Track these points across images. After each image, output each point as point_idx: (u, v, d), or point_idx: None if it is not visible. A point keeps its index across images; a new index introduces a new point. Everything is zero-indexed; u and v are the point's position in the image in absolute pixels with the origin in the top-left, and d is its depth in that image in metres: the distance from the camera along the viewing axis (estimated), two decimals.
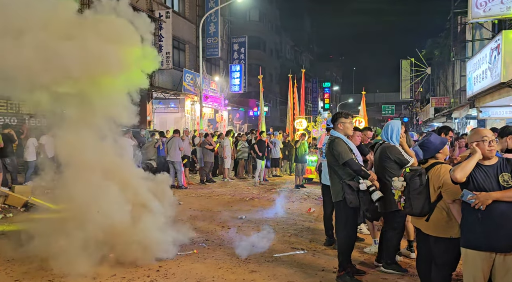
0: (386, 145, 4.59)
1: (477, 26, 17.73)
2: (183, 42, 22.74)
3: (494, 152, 2.96)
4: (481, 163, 2.97)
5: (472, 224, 2.95)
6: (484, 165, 2.97)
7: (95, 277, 4.45)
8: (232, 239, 6.06)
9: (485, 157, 2.97)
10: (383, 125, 16.16)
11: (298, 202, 9.49)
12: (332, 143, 4.39)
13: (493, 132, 5.90)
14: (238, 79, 27.46)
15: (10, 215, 7.45)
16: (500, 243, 2.84)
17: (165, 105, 21.28)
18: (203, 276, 4.50)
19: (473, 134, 3.06)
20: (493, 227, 2.85)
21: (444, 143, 3.55)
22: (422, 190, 3.44)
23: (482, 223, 2.88)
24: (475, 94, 14.54)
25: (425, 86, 36.67)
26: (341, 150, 4.27)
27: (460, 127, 21.84)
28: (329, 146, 4.44)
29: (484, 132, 3.01)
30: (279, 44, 43.15)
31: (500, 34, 11.56)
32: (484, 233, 2.88)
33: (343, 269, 4.34)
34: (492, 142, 2.94)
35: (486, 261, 2.89)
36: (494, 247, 2.86)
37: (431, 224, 3.43)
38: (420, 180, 3.45)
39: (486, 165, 2.97)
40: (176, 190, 11.09)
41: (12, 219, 7.17)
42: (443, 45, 27.03)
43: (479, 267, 2.92)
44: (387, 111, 51.83)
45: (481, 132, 3.02)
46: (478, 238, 2.91)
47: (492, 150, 2.94)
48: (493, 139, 2.96)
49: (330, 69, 58.64)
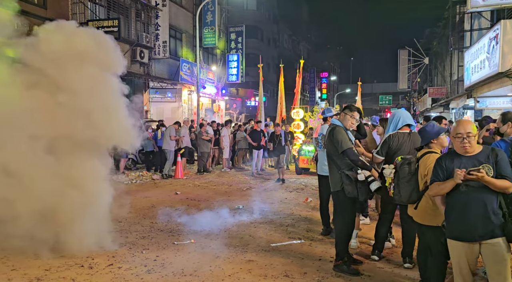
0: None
1: (475, 16, 17.61)
2: (180, 31, 22.52)
3: (470, 147, 2.87)
4: (461, 154, 2.92)
5: (452, 215, 2.94)
6: (464, 156, 2.91)
7: (92, 267, 4.45)
8: (229, 229, 6.07)
9: (460, 152, 2.93)
10: (380, 116, 16.17)
11: (295, 192, 9.50)
12: (333, 130, 4.37)
13: (487, 120, 5.91)
14: (236, 68, 27.27)
15: None
16: (478, 232, 2.82)
17: (162, 94, 21.17)
18: (200, 266, 4.50)
19: (453, 127, 2.98)
20: (471, 217, 2.83)
21: (439, 133, 3.54)
22: (410, 178, 3.57)
23: (461, 214, 2.87)
24: (473, 84, 14.51)
25: (423, 77, 36.60)
26: (341, 138, 4.26)
27: (457, 118, 21.86)
28: (329, 134, 4.41)
29: (458, 129, 2.90)
30: (276, 34, 42.85)
31: (499, 23, 11.48)
32: (463, 224, 2.87)
33: (340, 258, 4.35)
34: (466, 138, 2.85)
35: (470, 251, 2.88)
36: (474, 236, 2.84)
37: (419, 212, 3.53)
38: (409, 168, 3.58)
39: (466, 156, 2.91)
40: (173, 180, 11.10)
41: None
42: (441, 35, 26.89)
43: (463, 257, 2.91)
44: (384, 101, 51.72)
45: (456, 129, 2.92)
46: (458, 228, 2.91)
47: (465, 146, 2.87)
48: (469, 135, 2.85)
49: (327, 59, 58.35)
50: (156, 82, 19.46)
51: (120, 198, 8.20)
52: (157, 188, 9.87)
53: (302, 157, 12.13)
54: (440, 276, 3.45)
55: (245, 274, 4.29)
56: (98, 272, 4.31)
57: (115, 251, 4.98)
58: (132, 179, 10.95)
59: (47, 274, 4.24)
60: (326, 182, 5.05)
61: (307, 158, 11.86)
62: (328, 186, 4.68)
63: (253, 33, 35.36)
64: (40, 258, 4.63)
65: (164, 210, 7.32)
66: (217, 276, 4.23)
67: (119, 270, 4.39)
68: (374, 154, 4.53)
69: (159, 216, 6.87)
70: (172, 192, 9.23)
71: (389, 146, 4.38)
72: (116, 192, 5.46)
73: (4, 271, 4.31)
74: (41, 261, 4.57)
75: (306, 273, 4.31)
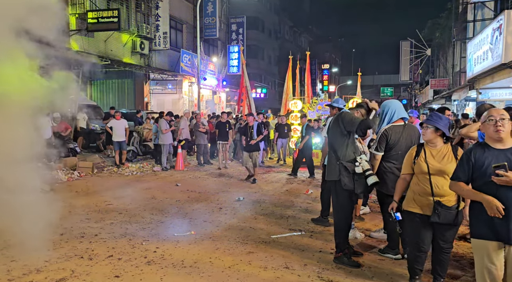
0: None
1: (479, 6, 17.43)
2: (181, 22, 22.37)
3: (505, 133, 2.59)
4: (492, 146, 2.65)
5: (484, 212, 2.64)
6: (496, 148, 2.63)
7: (91, 258, 4.44)
8: (229, 221, 6.06)
9: (493, 139, 2.65)
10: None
11: (296, 183, 9.48)
12: (341, 114, 4.37)
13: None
14: (236, 60, 27.13)
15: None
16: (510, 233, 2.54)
17: (162, 86, 21.10)
18: (200, 257, 4.49)
19: (485, 114, 2.73)
20: (508, 217, 2.55)
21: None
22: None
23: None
24: (475, 76, 14.40)
25: (425, 68, 36.41)
26: (351, 116, 4.28)
27: (459, 109, 21.75)
28: (336, 119, 4.39)
29: (490, 112, 2.67)
30: (277, 25, 42.58)
31: (503, 13, 11.34)
32: (494, 223, 2.59)
33: (340, 250, 4.33)
34: (500, 121, 2.58)
35: (500, 252, 2.60)
36: (509, 237, 2.56)
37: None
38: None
39: (498, 149, 2.63)
40: (174, 172, 11.08)
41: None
42: (444, 26, 26.68)
43: (492, 258, 2.62)
44: (386, 93, 51.63)
45: (489, 113, 2.68)
46: (490, 228, 2.63)
47: (500, 130, 2.58)
48: (503, 118, 2.59)
49: (329, 50, 58.02)
50: (157, 73, 19.38)
51: (120, 189, 8.22)
52: (157, 180, 9.85)
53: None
54: (420, 264, 3.56)
55: (245, 265, 4.28)
56: (98, 264, 4.30)
57: (115, 242, 4.98)
58: (133, 171, 10.94)
59: (47, 265, 4.23)
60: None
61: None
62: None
63: (254, 25, 35.15)
64: (40, 249, 4.62)
65: (165, 202, 7.31)
66: (217, 267, 4.22)
67: (119, 261, 4.37)
68: (372, 151, 4.39)
69: (159, 207, 6.87)
70: (172, 184, 9.22)
71: (387, 140, 4.28)
72: (116, 183, 5.42)
73: (3, 262, 4.30)
74: (41, 252, 4.56)
75: (306, 265, 4.29)
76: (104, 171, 10.83)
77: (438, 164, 3.33)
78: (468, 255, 4.58)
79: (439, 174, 3.31)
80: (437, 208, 3.28)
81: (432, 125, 3.37)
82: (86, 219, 6.07)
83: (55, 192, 8.01)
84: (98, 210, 6.67)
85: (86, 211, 6.55)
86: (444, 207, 3.28)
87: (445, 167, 3.30)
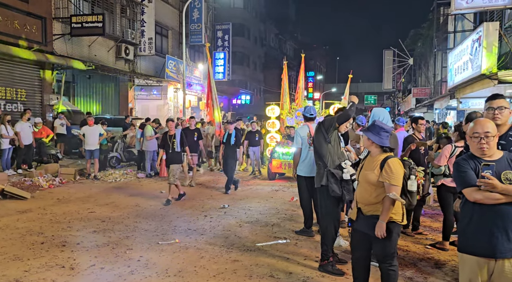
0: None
1: (459, 17, 17.90)
2: (166, 28, 22.30)
3: (489, 150, 2.57)
4: (481, 158, 2.60)
5: (470, 226, 2.60)
6: (483, 160, 2.59)
7: (73, 267, 4.35)
8: (214, 228, 6.02)
9: (477, 154, 2.62)
10: (365, 115, 16.18)
11: (281, 191, 9.50)
12: (321, 122, 4.57)
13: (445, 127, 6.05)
14: (222, 66, 27.16)
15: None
16: (499, 247, 2.49)
17: (147, 92, 20.94)
18: (185, 266, 4.45)
19: (470, 127, 2.67)
20: (493, 230, 2.49)
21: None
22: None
23: (480, 225, 2.55)
24: (456, 85, 14.75)
25: (407, 77, 37.10)
26: (330, 118, 4.50)
27: (441, 118, 22.20)
28: (318, 126, 4.55)
29: (475, 128, 2.61)
30: (263, 32, 42.85)
31: (482, 26, 11.69)
32: (483, 237, 2.53)
33: (326, 258, 4.35)
34: (484, 138, 2.56)
35: (486, 267, 2.55)
36: (494, 252, 2.50)
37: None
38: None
39: (486, 160, 2.58)
40: (158, 178, 10.97)
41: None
42: (426, 36, 27.27)
43: (477, 274, 2.58)
44: (369, 101, 52.45)
45: (473, 128, 2.62)
46: (476, 242, 2.57)
47: (483, 147, 2.56)
48: (487, 135, 2.56)
49: (313, 58, 58.58)
50: (142, 79, 19.23)
51: (103, 196, 8.08)
52: (141, 187, 9.74)
53: (275, 160, 10.65)
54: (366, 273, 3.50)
55: (230, 274, 4.26)
56: (80, 273, 4.22)
57: (97, 251, 4.89)
58: (116, 177, 10.79)
59: (27, 275, 4.13)
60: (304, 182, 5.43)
61: (282, 161, 10.53)
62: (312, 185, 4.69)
63: (240, 31, 35.30)
64: (20, 259, 4.51)
65: (149, 209, 7.23)
66: (201, 276, 4.19)
67: (101, 270, 4.30)
68: (361, 158, 4.47)
69: (143, 215, 6.79)
70: (156, 191, 9.13)
71: None
72: (99, 191, 5.35)
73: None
74: (21, 262, 4.46)
75: (291, 273, 4.30)
76: (87, 178, 10.65)
77: (364, 171, 3.37)
78: (449, 262, 4.66)
79: (362, 181, 3.36)
80: (359, 215, 3.38)
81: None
82: (67, 227, 5.95)
83: (36, 199, 7.85)
84: (80, 217, 6.55)
85: (68, 219, 6.43)
86: (361, 215, 3.35)
87: (366, 175, 3.31)
